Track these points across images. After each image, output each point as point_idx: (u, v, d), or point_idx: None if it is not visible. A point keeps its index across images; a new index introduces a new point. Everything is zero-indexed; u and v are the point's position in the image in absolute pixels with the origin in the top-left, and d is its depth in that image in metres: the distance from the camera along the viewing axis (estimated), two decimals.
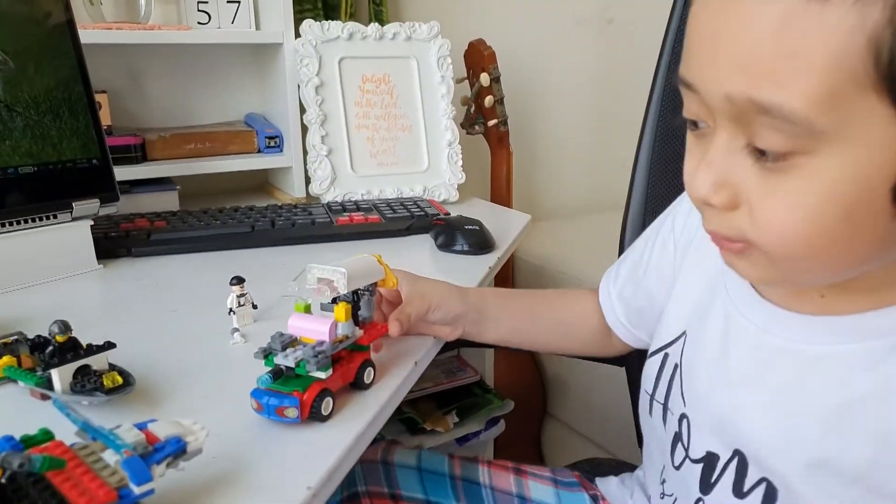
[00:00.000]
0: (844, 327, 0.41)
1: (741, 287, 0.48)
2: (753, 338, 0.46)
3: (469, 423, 1.09)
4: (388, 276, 0.54)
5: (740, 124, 0.35)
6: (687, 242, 0.55)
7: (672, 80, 0.72)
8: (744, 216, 0.37)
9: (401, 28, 1.06)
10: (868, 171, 0.33)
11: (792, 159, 0.34)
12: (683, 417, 0.50)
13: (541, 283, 1.25)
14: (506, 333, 0.65)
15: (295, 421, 0.44)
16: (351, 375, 0.49)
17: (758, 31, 0.33)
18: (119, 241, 0.82)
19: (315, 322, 0.48)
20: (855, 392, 0.40)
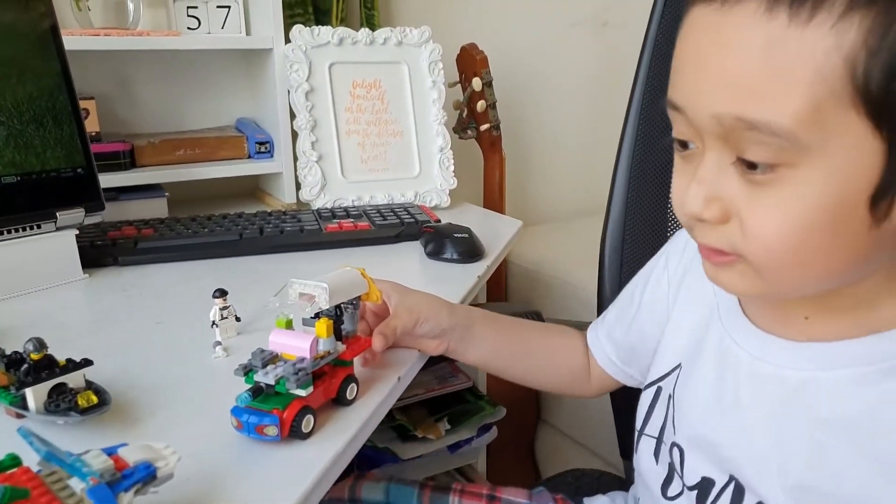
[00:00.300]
0: (832, 353, 0.42)
1: (735, 317, 0.48)
2: (746, 365, 0.46)
3: (461, 430, 1.08)
4: (371, 290, 0.53)
5: (728, 142, 0.37)
6: (680, 280, 0.56)
7: (650, 92, 0.72)
8: (735, 228, 0.38)
9: (391, 33, 1.06)
10: (848, 181, 0.35)
11: (778, 171, 0.36)
12: (675, 446, 0.51)
13: (534, 288, 1.25)
14: (487, 356, 0.64)
15: (275, 439, 0.44)
16: (333, 391, 0.49)
17: (744, 53, 0.35)
18: (105, 250, 0.81)
19: (296, 338, 0.47)
20: (842, 418, 0.41)
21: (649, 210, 0.74)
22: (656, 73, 0.72)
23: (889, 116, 0.34)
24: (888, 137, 0.34)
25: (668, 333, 0.55)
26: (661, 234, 0.74)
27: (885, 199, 0.36)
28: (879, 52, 0.33)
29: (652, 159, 0.73)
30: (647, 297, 0.59)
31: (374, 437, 1.04)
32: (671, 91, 0.39)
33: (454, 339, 0.61)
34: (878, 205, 0.36)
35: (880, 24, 0.33)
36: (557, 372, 0.67)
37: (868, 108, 0.34)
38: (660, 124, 0.73)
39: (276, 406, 0.44)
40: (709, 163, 0.38)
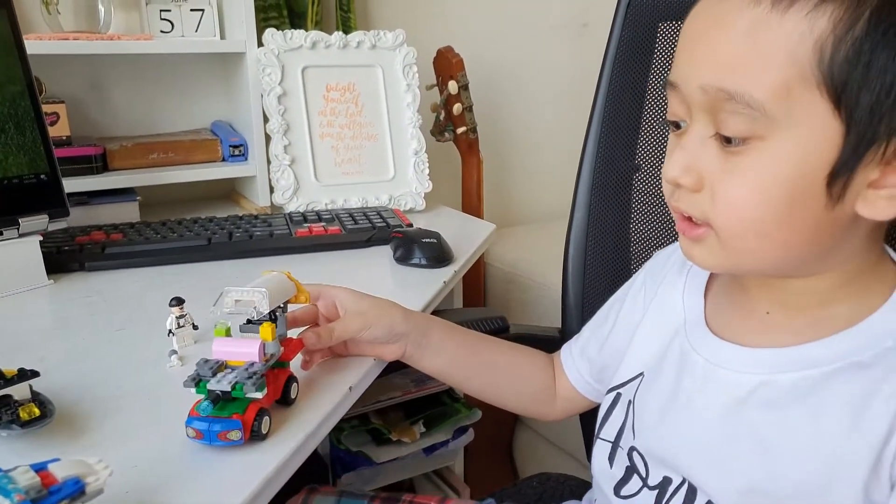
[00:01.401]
0: (784, 357, 0.44)
1: (697, 327, 0.51)
2: (702, 371, 0.48)
3: (436, 432, 1.08)
4: (300, 292, 0.54)
5: (710, 114, 0.40)
6: (653, 296, 0.57)
7: (612, 99, 0.73)
8: (706, 197, 0.42)
9: (365, 36, 1.05)
10: (809, 156, 0.39)
11: (749, 143, 0.39)
12: (633, 450, 0.52)
13: (511, 290, 1.25)
14: (445, 365, 0.63)
15: (238, 443, 0.45)
16: (279, 392, 0.50)
17: (731, 32, 0.39)
18: (72, 256, 0.81)
19: (242, 345, 0.48)
20: (788, 421, 0.43)
21: (612, 216, 0.74)
22: (618, 80, 0.73)
23: (847, 102, 0.37)
24: (846, 121, 0.38)
25: (635, 343, 0.56)
26: (623, 241, 0.74)
27: (840, 179, 0.39)
28: (844, 42, 0.37)
29: (614, 167, 0.73)
30: (623, 315, 0.60)
31: (348, 441, 1.04)
32: (671, 73, 0.44)
33: (411, 344, 0.61)
34: (834, 184, 0.39)
35: (848, 17, 0.37)
36: (519, 389, 0.66)
37: (830, 91, 0.37)
38: (621, 132, 0.73)
39: (235, 411, 0.45)
40: (692, 134, 0.42)
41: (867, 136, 0.38)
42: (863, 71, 0.37)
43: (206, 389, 0.46)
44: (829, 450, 0.41)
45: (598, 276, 0.75)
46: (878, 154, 0.38)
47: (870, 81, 0.37)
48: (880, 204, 0.40)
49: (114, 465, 0.42)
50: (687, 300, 0.53)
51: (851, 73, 0.37)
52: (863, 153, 0.38)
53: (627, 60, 0.73)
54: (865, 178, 0.39)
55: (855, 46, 0.37)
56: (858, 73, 0.37)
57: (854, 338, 0.42)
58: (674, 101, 0.44)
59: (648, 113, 0.73)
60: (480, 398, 0.67)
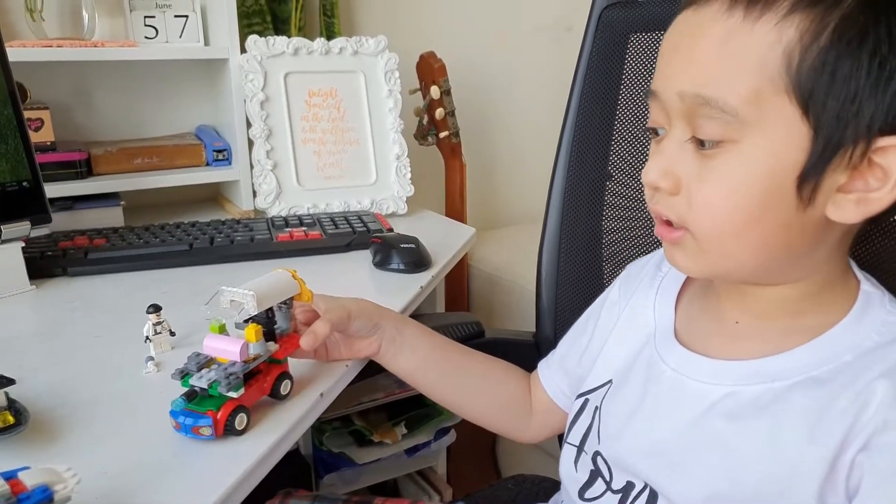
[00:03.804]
0: (749, 370, 0.45)
1: (667, 338, 0.52)
2: (669, 380, 0.49)
3: (418, 434, 1.10)
4: (303, 291, 0.56)
5: (688, 119, 0.42)
6: (625, 305, 0.58)
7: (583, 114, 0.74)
8: (683, 200, 0.44)
9: (347, 43, 1.07)
10: (778, 160, 0.40)
11: (723, 146, 0.41)
12: (597, 455, 0.53)
13: (495, 292, 1.26)
14: (419, 365, 0.64)
15: (210, 438, 0.47)
16: (268, 388, 0.52)
17: (706, 42, 0.41)
18: (55, 261, 0.82)
19: (228, 343, 0.50)
20: (749, 431, 0.44)
21: (584, 223, 0.75)
22: (590, 89, 0.74)
23: (814, 107, 0.39)
24: (813, 126, 0.40)
25: (605, 351, 0.57)
26: (595, 247, 0.75)
27: (809, 182, 0.40)
28: (810, 51, 0.39)
29: (586, 175, 0.75)
30: (600, 326, 0.60)
31: (330, 442, 1.05)
32: (652, 82, 0.46)
33: (386, 339, 0.61)
34: (803, 187, 0.40)
35: (814, 28, 0.39)
36: (492, 402, 0.66)
37: (798, 97, 0.39)
38: (594, 140, 0.75)
39: (210, 408, 0.47)
40: (671, 139, 0.44)
41: (834, 141, 0.39)
42: (828, 79, 0.38)
43: (188, 383, 0.48)
44: (787, 459, 0.42)
45: (571, 283, 0.77)
46: (845, 159, 0.40)
47: (835, 89, 0.39)
48: (849, 207, 0.41)
49: (85, 471, 0.44)
50: (658, 310, 0.54)
51: (818, 81, 0.39)
52: (830, 157, 0.40)
53: (600, 70, 0.74)
54: (834, 182, 0.40)
55: (820, 56, 0.38)
56: (824, 81, 0.39)
57: (815, 351, 0.44)
58: (654, 109, 0.46)
59: (620, 122, 0.75)
60: (453, 408, 0.67)
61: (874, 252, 0.51)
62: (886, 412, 0.39)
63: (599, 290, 0.75)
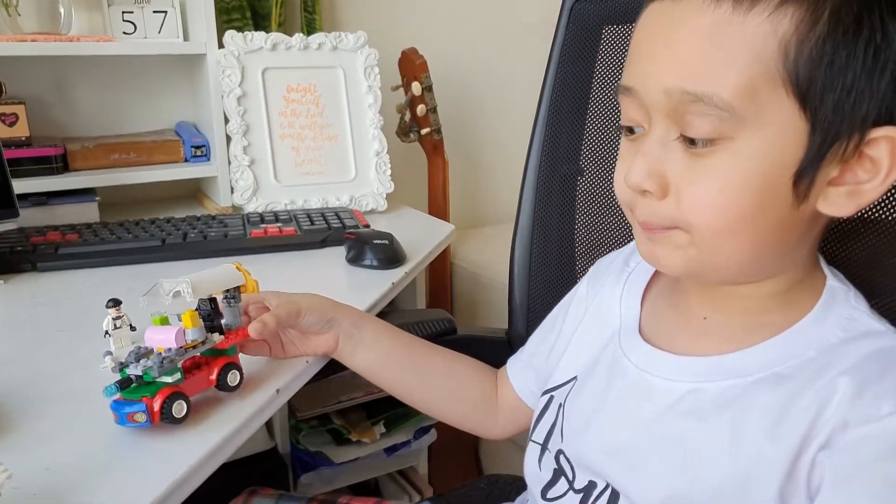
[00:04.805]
0: (714, 367, 0.45)
1: (631, 334, 0.51)
2: (632, 377, 0.49)
3: (396, 433, 1.09)
4: (248, 281, 0.55)
5: (674, 117, 0.40)
6: (590, 302, 0.57)
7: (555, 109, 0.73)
8: (671, 204, 0.41)
9: (326, 38, 1.06)
10: (776, 155, 0.39)
11: (717, 144, 0.39)
12: (560, 453, 0.52)
13: (477, 290, 1.25)
14: (380, 362, 0.62)
15: (145, 425, 0.46)
16: (214, 379, 0.51)
17: (692, 35, 0.39)
18: (24, 256, 0.81)
19: (165, 332, 0.49)
20: (711, 428, 0.43)
21: (556, 219, 0.75)
22: (561, 84, 0.73)
23: (812, 101, 0.38)
24: (811, 120, 0.38)
25: (571, 348, 0.56)
26: (568, 244, 0.74)
27: (806, 177, 0.39)
28: (806, 42, 0.37)
29: (558, 170, 0.74)
30: (568, 322, 0.59)
31: (307, 441, 1.04)
32: (624, 78, 0.43)
33: (343, 335, 0.60)
34: (800, 183, 0.39)
35: (809, 18, 0.37)
36: (458, 396, 0.65)
37: (795, 90, 0.38)
38: (565, 135, 0.74)
39: (144, 394, 0.46)
40: (654, 138, 0.41)
41: (831, 135, 0.38)
42: (826, 70, 0.37)
43: (126, 373, 0.47)
44: (747, 456, 0.41)
45: (543, 279, 0.76)
46: (839, 152, 0.39)
47: (832, 80, 0.37)
48: (840, 201, 0.40)
49: (25, 467, 0.43)
50: (624, 306, 0.53)
51: (815, 73, 0.37)
52: (826, 151, 0.39)
53: (571, 64, 0.74)
54: (826, 176, 0.40)
55: (817, 46, 0.37)
56: (821, 73, 0.37)
57: (780, 347, 0.43)
58: (629, 106, 0.43)
59: (592, 117, 0.74)
60: (418, 406, 0.65)
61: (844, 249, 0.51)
62: (847, 410, 0.39)
63: (572, 286, 0.74)
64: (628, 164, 0.44)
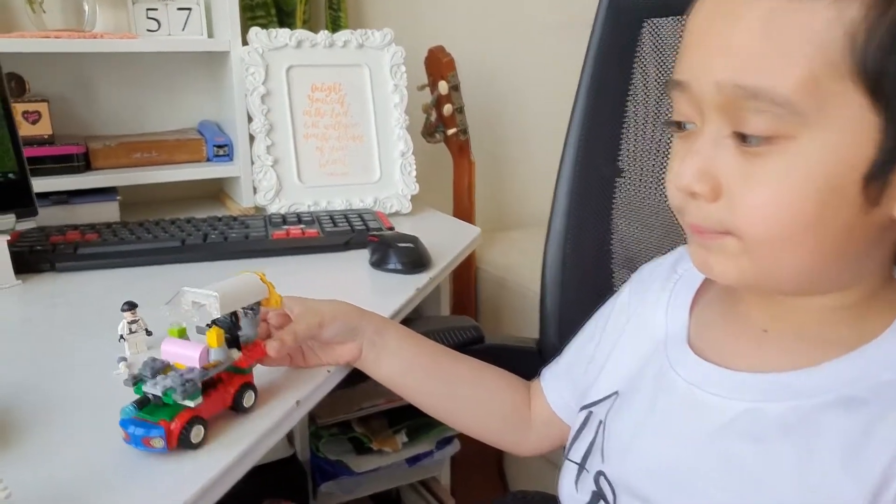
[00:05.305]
0: (773, 385, 0.41)
1: (678, 345, 0.47)
2: (681, 393, 0.45)
3: (419, 443, 1.05)
4: (271, 295, 0.52)
5: (727, 113, 0.37)
6: (633, 310, 0.54)
7: (591, 104, 0.69)
8: (723, 207, 0.38)
9: (352, 35, 1.03)
10: (843, 156, 0.35)
11: (775, 143, 0.36)
12: (600, 475, 0.48)
13: (503, 296, 1.22)
14: (404, 370, 0.59)
15: (162, 451, 0.43)
16: (229, 399, 0.48)
17: (747, 24, 0.36)
18: (43, 256, 0.80)
19: (187, 347, 0.46)
20: (773, 454, 0.39)
21: (592, 223, 0.71)
22: (599, 81, 0.70)
23: (885, 92, 0.34)
24: (885, 114, 0.34)
25: (611, 360, 0.52)
26: (604, 249, 0.71)
27: (878, 180, 0.35)
28: (878, 29, 0.33)
29: (595, 172, 0.70)
30: (608, 331, 0.56)
31: (327, 449, 1.02)
32: (675, 71, 0.40)
33: (367, 343, 0.57)
34: (871, 185, 0.35)
35: (881, 1, 0.34)
36: (487, 409, 0.61)
37: (865, 82, 0.34)
38: (603, 135, 0.70)
39: (162, 417, 0.43)
40: (706, 135, 0.38)
41: None
42: None
43: (142, 390, 0.44)
44: (816, 487, 0.37)
45: (578, 287, 0.72)
46: None
47: None
48: None
49: (29, 482, 0.41)
50: (670, 315, 0.49)
51: (887, 61, 0.33)
52: None
53: (609, 59, 0.70)
54: None
55: (889, 33, 0.33)
56: (894, 62, 0.33)
57: (850, 366, 0.39)
58: (681, 102, 0.40)
59: (633, 115, 0.70)
60: (444, 418, 0.62)
61: None
62: None
63: (608, 294, 0.70)
64: (678, 164, 0.40)
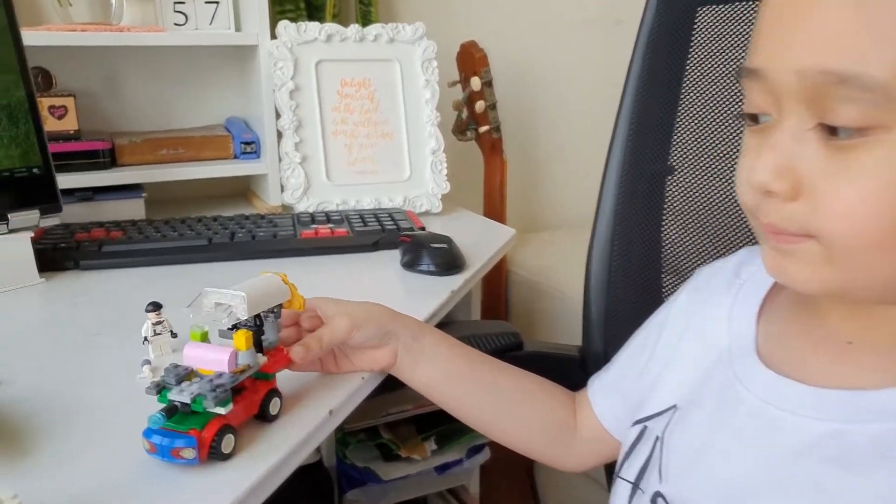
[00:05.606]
0: (863, 403, 0.36)
1: (746, 357, 0.43)
2: (752, 410, 0.41)
3: (448, 450, 1.02)
4: (294, 297, 0.49)
5: (811, 103, 0.34)
6: (692, 317, 0.50)
7: (640, 98, 0.65)
8: (804, 207, 0.35)
9: (383, 29, 1.00)
10: None
11: (867, 135, 0.32)
12: (658, 496, 0.44)
13: (534, 299, 1.18)
14: (440, 378, 0.56)
15: (193, 462, 0.40)
16: (255, 407, 0.45)
17: (834, 5, 0.32)
18: (67, 253, 0.78)
19: (213, 352, 0.43)
20: (866, 484, 0.35)
21: (641, 224, 0.67)
22: (649, 73, 0.65)
23: None
24: None
25: (669, 371, 0.49)
26: (653, 252, 0.66)
27: None
28: None
29: (644, 170, 0.66)
30: (664, 340, 0.51)
31: (354, 456, 0.98)
32: (749, 59, 0.37)
33: (402, 348, 0.54)
34: None
35: None
36: (530, 422, 0.57)
37: None
38: (652, 130, 0.66)
39: (192, 426, 0.40)
40: (785, 128, 0.35)
41: None
42: None
43: (167, 398, 0.41)
44: None
45: (625, 292, 0.68)
46: None
47: None
48: None
49: (45, 494, 0.38)
50: (735, 324, 0.45)
51: None
52: None
53: (660, 50, 0.65)
54: None
55: None
56: None
57: None
58: (755, 92, 0.37)
59: (685, 108, 0.66)
60: (483, 430, 0.58)
61: None
62: None
63: (658, 300, 0.66)
64: (753, 159, 0.36)
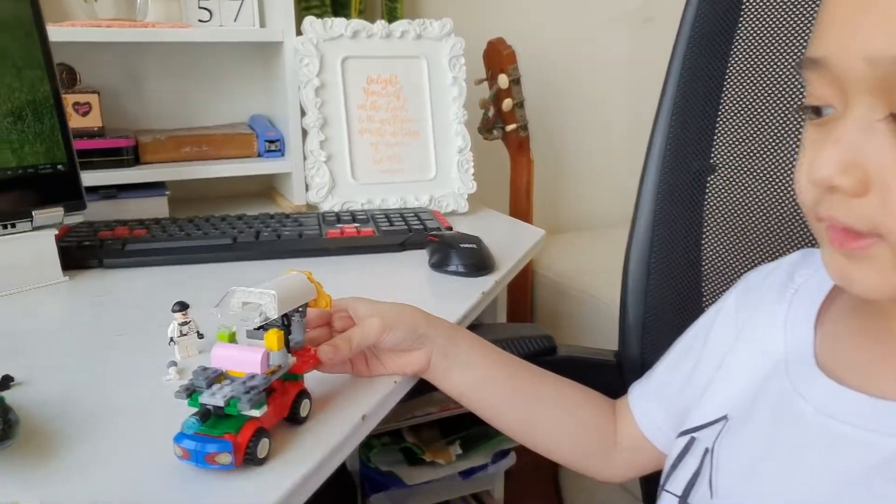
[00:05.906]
0: None
1: (804, 366, 0.40)
2: (813, 423, 0.38)
3: (473, 455, 1.00)
4: (320, 295, 0.47)
5: (882, 92, 0.31)
6: (744, 323, 0.47)
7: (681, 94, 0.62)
8: (873, 203, 0.32)
9: (410, 26, 0.98)
10: None
11: None
12: None
13: (561, 302, 1.15)
14: (475, 384, 0.54)
15: (228, 468, 0.38)
16: (286, 410, 0.43)
17: None
18: (91, 251, 0.77)
19: (244, 352, 0.41)
20: None
21: (681, 225, 0.64)
22: (691, 67, 0.63)
23: None
24: None
25: (719, 380, 0.46)
26: (694, 253, 0.64)
27: None
28: None
29: (685, 168, 0.63)
30: (711, 346, 0.49)
31: (378, 460, 0.96)
32: (810, 49, 0.35)
33: (437, 351, 0.52)
34: None
35: None
36: (567, 433, 0.55)
37: None
38: (694, 127, 0.63)
39: (227, 430, 0.38)
40: (851, 120, 0.33)
41: None
42: None
43: (198, 402, 0.39)
44: None
45: (663, 295, 0.65)
46: None
47: None
48: None
49: (75, 498, 0.36)
50: (790, 330, 0.43)
51: None
52: None
53: (704, 43, 0.63)
54: None
55: None
56: None
57: None
58: (818, 82, 0.35)
59: (728, 103, 0.63)
60: (518, 437, 0.56)
61: None
62: None
63: (698, 305, 0.63)
64: (813, 155, 0.34)
